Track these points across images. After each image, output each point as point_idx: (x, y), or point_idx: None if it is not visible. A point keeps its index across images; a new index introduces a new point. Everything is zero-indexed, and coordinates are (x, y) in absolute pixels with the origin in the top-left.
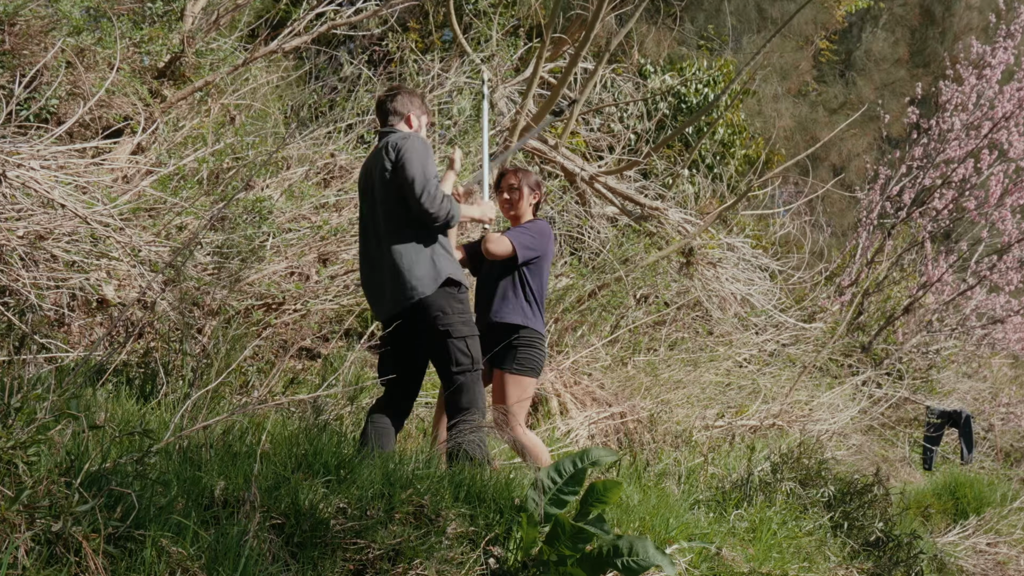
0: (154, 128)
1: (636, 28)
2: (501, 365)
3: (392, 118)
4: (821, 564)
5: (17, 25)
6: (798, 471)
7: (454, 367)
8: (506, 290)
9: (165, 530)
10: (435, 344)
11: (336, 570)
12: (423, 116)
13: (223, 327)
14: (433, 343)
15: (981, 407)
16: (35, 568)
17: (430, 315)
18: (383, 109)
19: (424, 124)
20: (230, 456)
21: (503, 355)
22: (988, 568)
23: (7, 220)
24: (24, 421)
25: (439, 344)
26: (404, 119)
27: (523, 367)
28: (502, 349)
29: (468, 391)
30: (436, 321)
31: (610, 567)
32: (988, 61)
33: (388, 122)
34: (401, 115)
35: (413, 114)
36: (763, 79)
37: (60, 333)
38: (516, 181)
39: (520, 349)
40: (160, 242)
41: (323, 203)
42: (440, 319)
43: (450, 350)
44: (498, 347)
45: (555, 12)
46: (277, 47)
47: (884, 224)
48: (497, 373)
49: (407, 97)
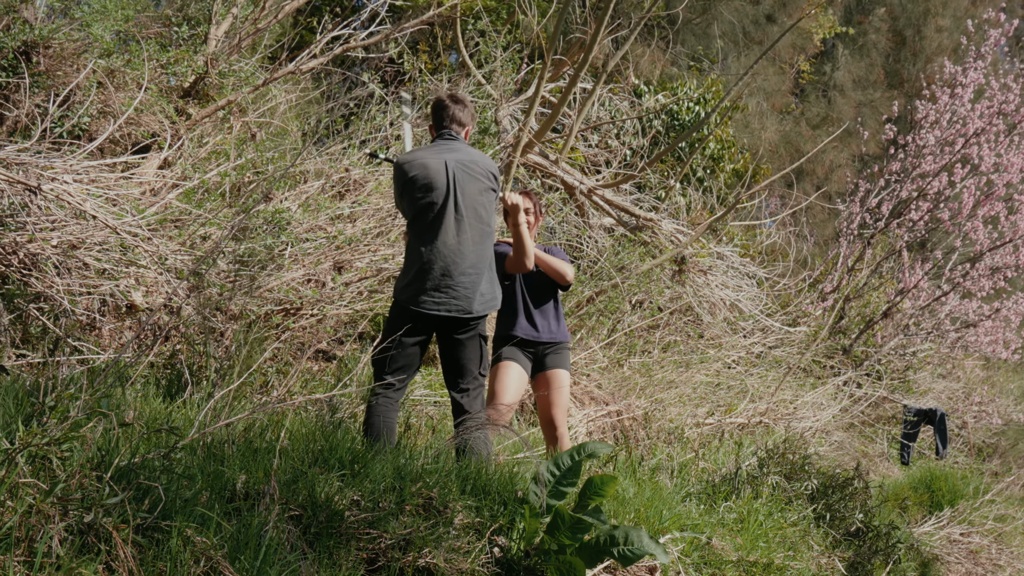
0: (180, 144)
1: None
2: (559, 366)
3: (455, 126)
4: (805, 553)
5: (51, 48)
6: (783, 466)
7: (483, 368)
8: (550, 309)
9: (190, 521)
10: (468, 345)
11: (350, 559)
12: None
13: (244, 331)
14: (467, 345)
15: (955, 406)
16: (68, 557)
17: (477, 321)
18: (448, 113)
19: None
20: (251, 452)
21: (557, 358)
22: (961, 556)
23: (42, 230)
24: (58, 419)
25: (473, 345)
26: (464, 131)
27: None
28: (554, 354)
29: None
30: (477, 326)
31: (607, 555)
32: (960, 80)
33: (452, 129)
34: (464, 126)
35: (470, 128)
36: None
37: (92, 336)
38: (532, 204)
39: (567, 353)
40: (185, 251)
41: (338, 215)
42: (481, 325)
43: (483, 352)
44: (546, 355)
45: (555, 36)
46: (295, 68)
47: (864, 234)
48: (555, 372)
49: (469, 111)
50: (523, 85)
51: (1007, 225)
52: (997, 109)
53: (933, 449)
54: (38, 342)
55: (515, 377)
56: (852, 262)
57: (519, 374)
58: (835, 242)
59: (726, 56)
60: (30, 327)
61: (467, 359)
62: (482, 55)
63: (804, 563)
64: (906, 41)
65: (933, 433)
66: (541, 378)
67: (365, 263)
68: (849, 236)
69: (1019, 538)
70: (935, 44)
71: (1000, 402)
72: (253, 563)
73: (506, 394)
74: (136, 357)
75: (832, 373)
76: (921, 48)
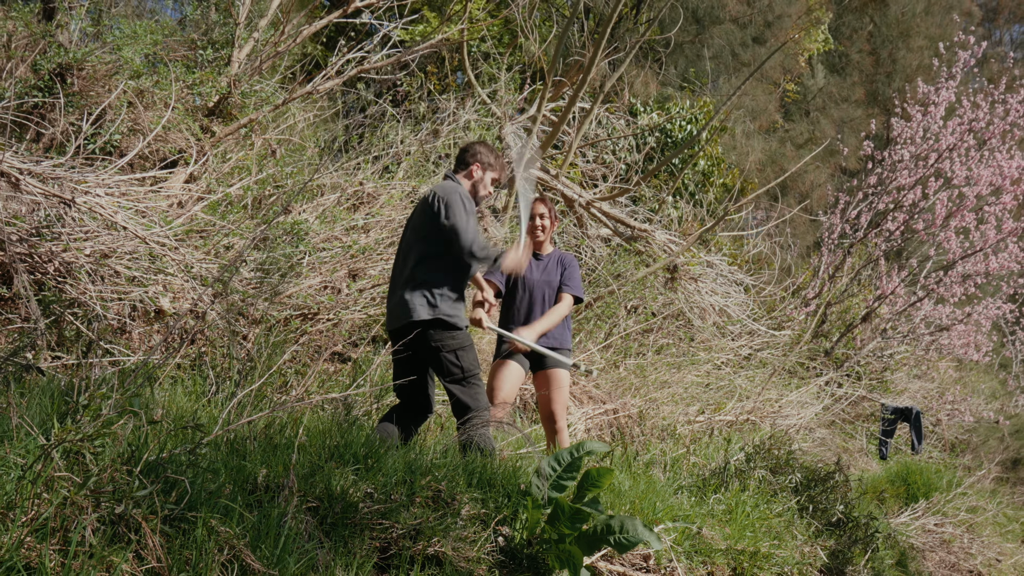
0: (205, 160)
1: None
2: (558, 365)
3: (456, 165)
4: (789, 542)
5: (85, 70)
6: (769, 460)
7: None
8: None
9: (214, 512)
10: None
11: (364, 547)
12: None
13: (265, 334)
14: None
15: (929, 404)
16: (100, 546)
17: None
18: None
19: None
20: (271, 447)
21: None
22: (935, 545)
23: (76, 240)
24: (91, 416)
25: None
26: (462, 172)
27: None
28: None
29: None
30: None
31: (604, 544)
32: (933, 100)
33: (454, 169)
34: (460, 166)
35: (471, 169)
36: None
37: (122, 340)
38: (547, 210)
39: (566, 354)
40: (210, 260)
41: (353, 225)
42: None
43: (450, 362)
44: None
45: (556, 59)
46: (312, 89)
47: (843, 244)
48: (555, 372)
49: (474, 155)
50: (525, 104)
51: (977, 235)
52: (968, 126)
53: (909, 445)
54: (72, 345)
55: (512, 374)
56: (833, 270)
57: (517, 372)
58: (817, 251)
59: (717, 77)
60: (65, 331)
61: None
62: (487, 76)
63: (788, 551)
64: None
65: (909, 430)
66: (541, 376)
67: (378, 271)
68: (830, 246)
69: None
70: (911, 64)
71: (972, 401)
72: (273, 551)
73: (501, 391)
74: (164, 359)
75: (815, 374)
76: (897, 68)
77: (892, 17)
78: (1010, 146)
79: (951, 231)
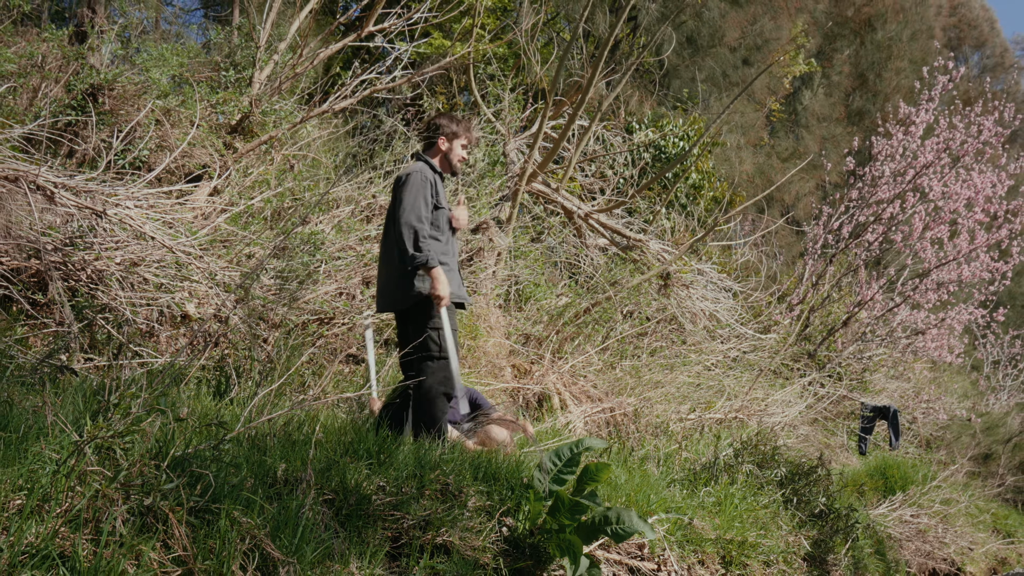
0: (227, 174)
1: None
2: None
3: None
4: (775, 532)
5: (115, 90)
6: (756, 456)
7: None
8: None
9: (237, 504)
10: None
11: (377, 537)
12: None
13: (284, 338)
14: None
15: (906, 403)
16: (130, 535)
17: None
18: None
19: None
20: (290, 443)
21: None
22: (911, 535)
23: (107, 250)
24: (121, 415)
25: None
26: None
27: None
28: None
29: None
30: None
31: (602, 533)
32: (912, 120)
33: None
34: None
35: (435, 143)
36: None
37: (150, 343)
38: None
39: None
40: (232, 268)
41: (366, 235)
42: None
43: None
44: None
45: (556, 80)
46: (328, 107)
47: (826, 253)
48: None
49: (430, 128)
50: (528, 122)
51: (951, 246)
52: (944, 145)
53: (887, 441)
54: (104, 348)
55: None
56: (816, 278)
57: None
58: (801, 260)
59: (708, 96)
60: (97, 334)
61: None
62: (492, 96)
63: (774, 541)
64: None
65: (887, 427)
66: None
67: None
68: (813, 255)
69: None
70: (893, 84)
71: (945, 400)
72: (292, 541)
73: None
74: (189, 361)
75: (799, 375)
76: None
77: (879, 41)
78: (981, 166)
79: (927, 242)
